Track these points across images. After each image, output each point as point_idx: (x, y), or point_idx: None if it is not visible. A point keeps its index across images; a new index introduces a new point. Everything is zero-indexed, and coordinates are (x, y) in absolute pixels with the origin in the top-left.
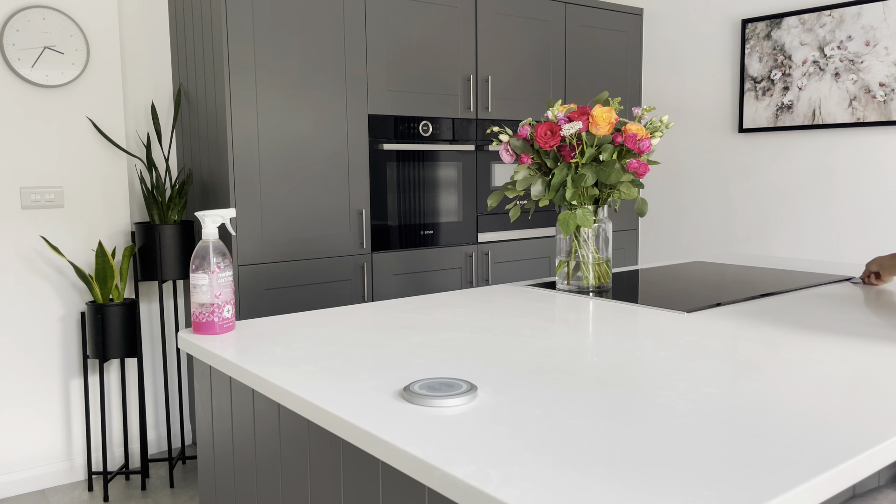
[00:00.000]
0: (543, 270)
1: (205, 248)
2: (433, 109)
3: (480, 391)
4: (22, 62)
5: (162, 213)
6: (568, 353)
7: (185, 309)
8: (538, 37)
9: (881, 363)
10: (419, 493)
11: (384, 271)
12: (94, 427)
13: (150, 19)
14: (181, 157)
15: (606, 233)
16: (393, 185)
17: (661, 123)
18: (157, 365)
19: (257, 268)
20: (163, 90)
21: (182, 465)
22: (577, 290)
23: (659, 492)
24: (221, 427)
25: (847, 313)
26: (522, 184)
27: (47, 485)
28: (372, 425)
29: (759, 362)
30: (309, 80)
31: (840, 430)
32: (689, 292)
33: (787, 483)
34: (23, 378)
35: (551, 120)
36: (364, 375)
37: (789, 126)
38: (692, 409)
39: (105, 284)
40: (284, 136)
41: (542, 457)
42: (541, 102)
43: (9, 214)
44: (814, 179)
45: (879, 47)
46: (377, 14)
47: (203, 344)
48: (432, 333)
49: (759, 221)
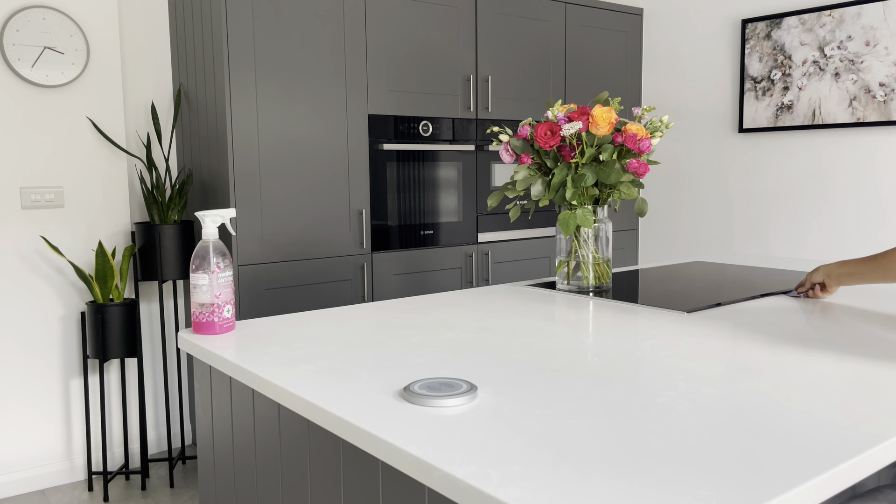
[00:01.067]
0: (543, 270)
1: (205, 248)
2: (433, 109)
3: (480, 391)
4: (22, 62)
5: (162, 213)
6: (568, 353)
7: (185, 309)
8: (538, 37)
9: (881, 364)
10: (419, 493)
11: (384, 271)
12: (94, 427)
13: (150, 19)
14: (181, 157)
15: (606, 233)
16: (393, 185)
17: (661, 123)
18: (157, 365)
19: (257, 268)
20: (163, 90)
21: (182, 465)
22: (577, 290)
23: (659, 491)
24: (221, 427)
25: (847, 313)
26: (522, 184)
27: (47, 485)
28: (372, 425)
29: (759, 362)
30: (309, 79)
31: (840, 430)
32: (689, 292)
33: (787, 483)
34: (23, 378)
35: (551, 120)
36: (364, 375)
37: (789, 126)
38: (692, 409)
39: (105, 284)
40: (284, 136)
41: (543, 456)
42: (541, 102)
43: (9, 214)
44: (814, 179)
45: (879, 47)
46: (377, 14)
47: (203, 344)
48: (432, 333)
49: (759, 221)
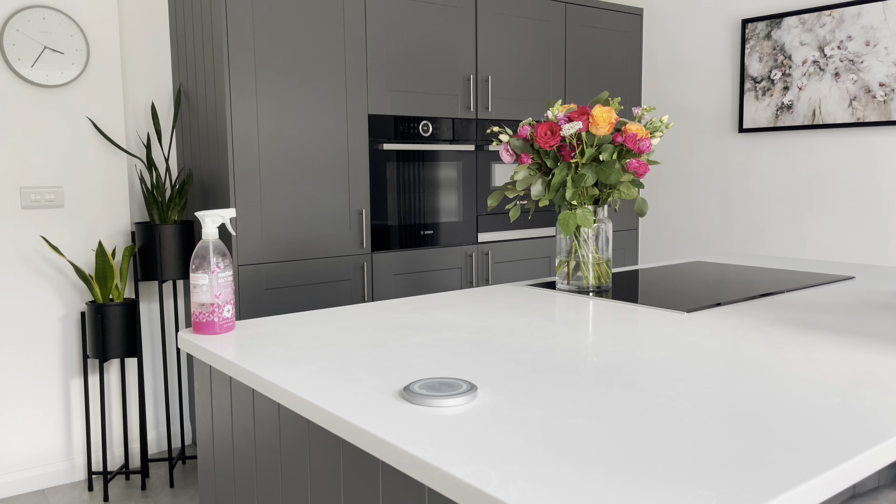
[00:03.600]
0: (543, 270)
1: (205, 248)
2: (433, 109)
3: (480, 391)
4: (22, 62)
5: (162, 213)
6: (568, 353)
7: (185, 309)
8: (538, 37)
9: (881, 363)
10: (419, 493)
11: (384, 271)
12: (94, 427)
13: (150, 19)
14: (181, 157)
15: (606, 233)
16: (393, 185)
17: (661, 123)
18: (157, 365)
19: (257, 268)
20: (163, 90)
21: (182, 465)
22: (577, 290)
23: (659, 491)
24: (221, 427)
25: (847, 313)
26: (522, 184)
27: (47, 485)
28: (372, 425)
29: (759, 362)
30: (309, 79)
31: (840, 430)
32: (689, 292)
33: (787, 483)
34: (23, 378)
35: (551, 120)
36: (364, 375)
37: (789, 126)
38: (692, 409)
39: (105, 284)
40: (285, 135)
41: (543, 456)
42: (541, 102)
43: (9, 214)
44: (814, 179)
45: (879, 47)
46: (377, 14)
47: (203, 344)
48: (432, 333)
49: (759, 221)
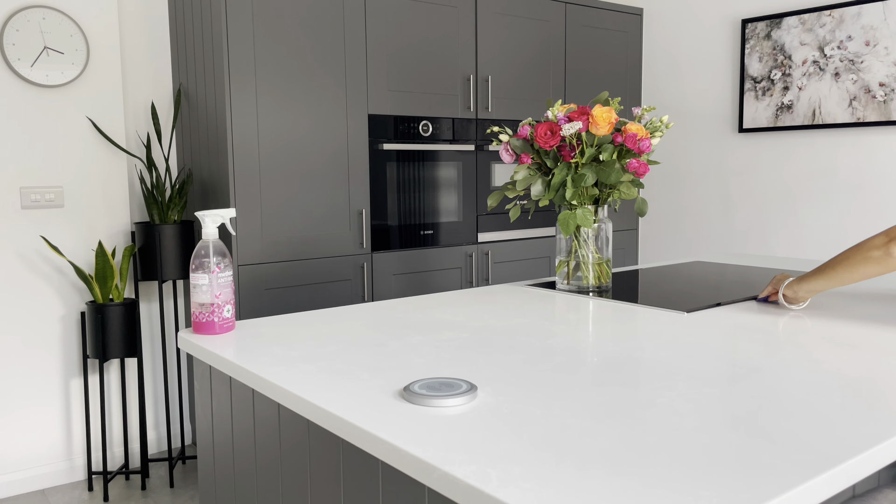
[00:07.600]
0: (543, 270)
1: (205, 248)
2: (433, 109)
3: (480, 391)
4: (22, 62)
5: (162, 213)
6: (568, 353)
7: (185, 309)
8: (538, 37)
9: (881, 363)
10: (419, 493)
11: (384, 271)
12: (94, 427)
13: (150, 19)
14: (181, 157)
15: (606, 233)
16: (393, 184)
17: (661, 123)
18: (157, 365)
19: (257, 268)
20: (163, 90)
21: (182, 465)
22: (577, 290)
23: (659, 491)
24: (221, 427)
25: (847, 313)
26: (522, 184)
27: (47, 485)
28: (372, 425)
29: (759, 362)
30: (309, 79)
31: (840, 430)
32: (689, 292)
33: (787, 483)
34: (23, 378)
35: (551, 120)
36: (364, 375)
37: (789, 126)
38: (692, 409)
39: (105, 284)
40: (284, 135)
41: (542, 456)
42: (541, 102)
43: (9, 214)
44: (814, 179)
45: (879, 47)
46: (377, 14)
47: (203, 344)
48: (432, 333)
49: (759, 221)
